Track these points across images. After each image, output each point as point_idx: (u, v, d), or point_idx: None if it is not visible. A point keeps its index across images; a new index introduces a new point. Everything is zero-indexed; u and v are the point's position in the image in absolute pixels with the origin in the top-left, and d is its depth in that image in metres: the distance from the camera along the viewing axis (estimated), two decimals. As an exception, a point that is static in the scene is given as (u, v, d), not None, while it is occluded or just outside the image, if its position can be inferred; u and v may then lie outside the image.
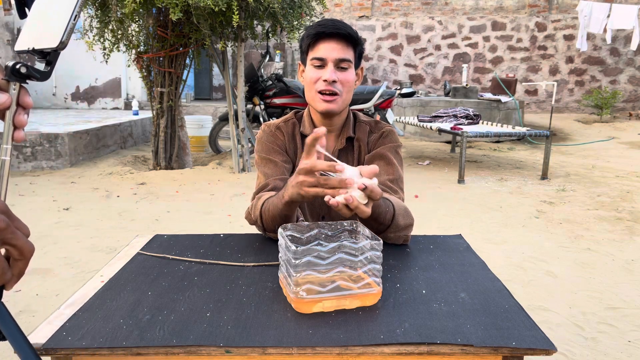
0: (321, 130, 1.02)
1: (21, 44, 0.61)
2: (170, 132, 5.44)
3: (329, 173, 1.00)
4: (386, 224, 1.21)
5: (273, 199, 1.22)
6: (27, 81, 0.59)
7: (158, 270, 1.13)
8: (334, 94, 1.33)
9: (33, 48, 0.60)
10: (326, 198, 0.98)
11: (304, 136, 1.45)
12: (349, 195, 0.96)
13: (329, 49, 1.32)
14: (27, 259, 0.55)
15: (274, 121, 1.48)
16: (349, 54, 1.34)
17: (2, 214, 0.52)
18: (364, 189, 0.96)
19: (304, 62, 1.40)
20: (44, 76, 0.60)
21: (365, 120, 1.48)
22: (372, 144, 1.44)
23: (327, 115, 1.38)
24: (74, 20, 0.59)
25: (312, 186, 1.02)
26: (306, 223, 1.07)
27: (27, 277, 2.68)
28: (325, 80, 1.32)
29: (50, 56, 0.60)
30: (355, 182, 0.96)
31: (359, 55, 1.39)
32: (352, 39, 1.33)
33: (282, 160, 1.40)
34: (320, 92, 1.34)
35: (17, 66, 0.57)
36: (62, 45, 0.58)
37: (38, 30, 0.61)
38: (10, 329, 0.56)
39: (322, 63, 1.33)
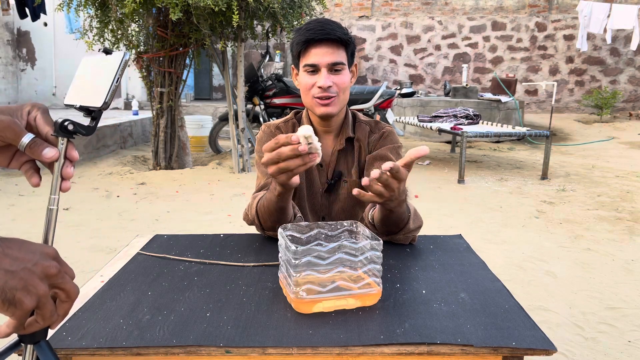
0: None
1: (69, 99, 0.69)
2: (170, 132, 5.44)
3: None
4: (400, 227, 1.22)
5: (267, 194, 1.23)
6: (72, 135, 0.64)
7: (158, 270, 1.12)
8: (330, 97, 1.33)
9: (80, 105, 0.66)
10: (354, 191, 1.01)
11: None
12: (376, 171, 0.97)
13: (320, 55, 1.30)
14: (73, 301, 0.59)
15: (274, 121, 1.48)
16: (341, 57, 1.32)
17: (53, 259, 0.56)
18: (390, 169, 0.98)
19: (296, 66, 1.39)
20: (89, 131, 0.65)
21: (365, 120, 1.48)
22: (373, 144, 1.44)
23: (325, 117, 1.38)
24: (116, 82, 0.64)
25: (273, 163, 1.00)
26: (306, 223, 1.07)
27: (27, 277, 2.68)
28: (320, 87, 1.31)
29: (94, 113, 0.65)
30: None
31: (352, 54, 1.37)
32: (342, 41, 1.32)
33: None
34: (317, 97, 1.33)
35: (65, 123, 0.62)
36: (106, 105, 0.63)
37: (84, 89, 0.68)
38: None
39: (315, 69, 1.32)
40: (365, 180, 1.01)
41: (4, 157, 0.66)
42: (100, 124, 6.53)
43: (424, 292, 1.01)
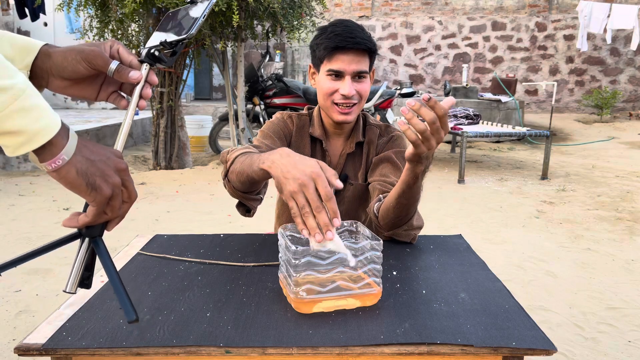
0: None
1: (150, 43, 0.76)
2: (170, 132, 5.44)
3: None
4: (410, 215, 1.21)
5: (251, 159, 1.08)
6: (155, 65, 0.73)
7: (158, 270, 1.12)
8: (352, 105, 1.32)
9: (165, 40, 0.73)
10: (425, 96, 0.96)
11: (312, 138, 1.44)
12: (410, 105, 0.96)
13: (346, 62, 1.28)
14: (132, 202, 0.67)
15: (290, 112, 1.48)
16: (366, 65, 1.31)
17: (120, 158, 0.65)
18: (428, 100, 0.95)
19: (316, 66, 1.36)
20: (169, 62, 0.74)
21: (375, 123, 1.48)
22: (381, 147, 1.45)
23: (341, 124, 1.37)
24: (203, 18, 0.72)
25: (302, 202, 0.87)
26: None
27: (27, 277, 2.68)
28: (343, 94, 1.29)
29: (177, 47, 0.73)
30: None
31: (373, 60, 1.37)
32: (369, 50, 1.30)
33: (281, 145, 1.38)
34: (336, 103, 1.32)
35: (152, 50, 0.71)
36: (190, 35, 0.71)
37: (167, 31, 0.76)
38: (108, 265, 0.65)
39: (339, 75, 1.30)
40: (402, 124, 0.99)
41: (92, 89, 0.76)
42: (100, 124, 6.53)
43: (424, 292, 1.01)
